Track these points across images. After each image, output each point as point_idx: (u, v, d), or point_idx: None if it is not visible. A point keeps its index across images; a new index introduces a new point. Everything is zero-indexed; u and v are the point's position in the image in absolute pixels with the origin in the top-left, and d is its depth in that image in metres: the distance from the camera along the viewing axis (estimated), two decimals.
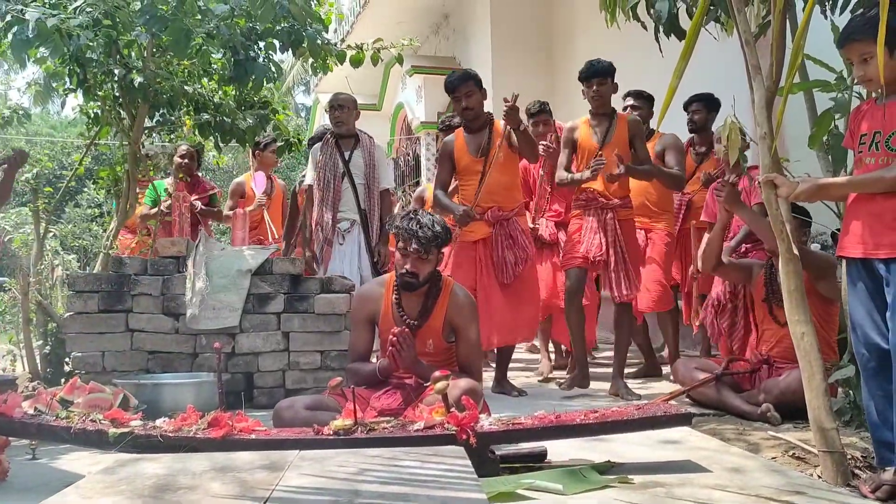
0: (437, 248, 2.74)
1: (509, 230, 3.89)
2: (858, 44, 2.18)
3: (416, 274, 2.72)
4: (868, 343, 2.18)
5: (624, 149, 3.89)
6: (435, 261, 2.77)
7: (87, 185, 12.30)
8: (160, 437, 2.15)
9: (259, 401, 3.66)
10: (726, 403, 3.25)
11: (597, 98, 3.91)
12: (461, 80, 3.92)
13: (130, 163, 4.58)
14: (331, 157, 4.26)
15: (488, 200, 3.90)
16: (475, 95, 3.92)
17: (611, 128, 3.92)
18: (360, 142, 4.32)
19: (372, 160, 4.29)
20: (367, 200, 4.24)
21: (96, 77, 4.30)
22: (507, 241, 3.87)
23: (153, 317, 3.73)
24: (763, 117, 2.43)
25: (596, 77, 3.89)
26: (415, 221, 2.72)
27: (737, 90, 3.36)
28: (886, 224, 2.12)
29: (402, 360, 2.64)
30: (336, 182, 4.22)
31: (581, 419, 2.27)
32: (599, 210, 3.89)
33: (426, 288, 2.79)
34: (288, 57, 4.97)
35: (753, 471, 2.24)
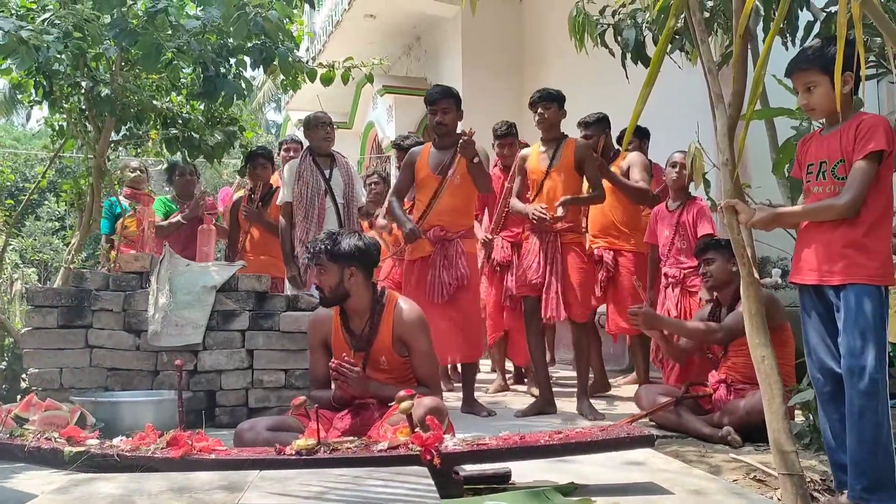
0: (331, 259, 2.73)
1: (448, 251, 3.90)
2: (803, 73, 2.27)
3: (320, 287, 2.77)
4: (822, 368, 2.24)
5: (569, 173, 3.95)
6: (336, 274, 2.74)
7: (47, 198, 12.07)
8: (117, 457, 2.11)
9: (221, 420, 3.59)
10: (687, 427, 3.29)
11: (542, 122, 3.99)
12: (441, 95, 4.00)
13: (95, 176, 4.51)
14: (312, 174, 4.27)
15: (434, 220, 3.94)
16: (451, 113, 3.99)
17: (557, 152, 3.98)
18: (336, 161, 4.36)
19: (350, 179, 4.36)
20: (348, 218, 4.29)
21: (63, 89, 4.24)
22: (443, 261, 3.89)
23: (114, 333, 3.66)
24: (725, 144, 2.48)
25: (541, 102, 3.99)
26: (313, 238, 2.81)
27: (700, 117, 3.45)
28: (836, 251, 2.19)
29: (351, 388, 2.64)
30: (319, 200, 4.24)
31: (545, 440, 2.28)
32: (543, 233, 3.94)
33: (370, 305, 2.79)
34: (259, 74, 4.97)
35: (715, 493, 2.27)
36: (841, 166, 2.21)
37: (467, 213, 4.07)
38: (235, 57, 4.31)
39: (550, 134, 4.02)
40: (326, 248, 2.74)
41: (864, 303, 2.12)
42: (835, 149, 2.24)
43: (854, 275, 2.16)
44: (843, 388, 2.16)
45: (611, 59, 3.89)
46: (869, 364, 2.08)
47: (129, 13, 3.86)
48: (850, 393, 2.12)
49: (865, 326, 2.10)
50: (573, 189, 3.97)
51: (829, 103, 2.20)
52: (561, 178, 3.93)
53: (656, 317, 3.48)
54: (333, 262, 2.73)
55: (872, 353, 2.08)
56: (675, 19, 2.58)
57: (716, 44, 3.61)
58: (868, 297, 2.13)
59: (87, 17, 3.80)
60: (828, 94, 2.19)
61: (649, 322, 3.39)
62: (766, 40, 2.34)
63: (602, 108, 4.68)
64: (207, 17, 4.02)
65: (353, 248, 2.77)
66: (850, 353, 2.11)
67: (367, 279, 2.82)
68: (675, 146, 4.31)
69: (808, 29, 3.17)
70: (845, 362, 2.12)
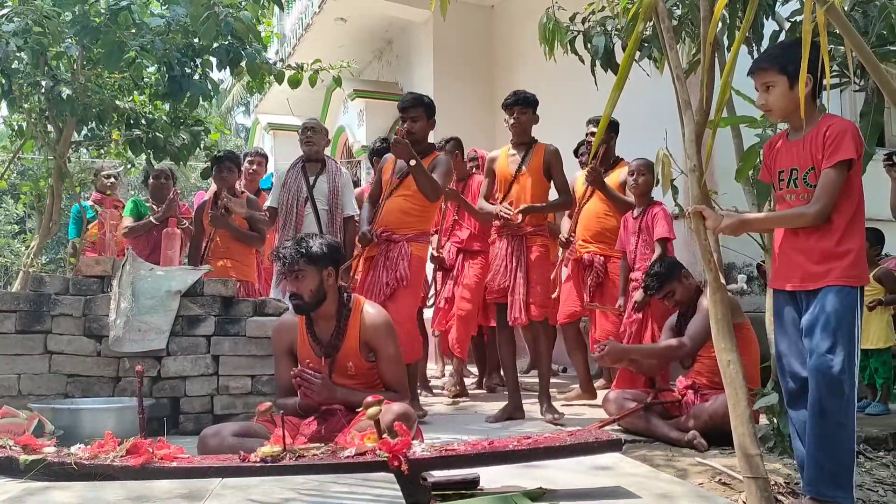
0: (309, 263, 2.69)
1: (391, 252, 3.86)
2: (763, 73, 2.31)
3: (298, 294, 2.70)
4: (792, 372, 2.27)
5: (538, 177, 3.97)
6: (315, 278, 2.71)
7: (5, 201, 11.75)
8: (74, 465, 2.04)
9: (185, 427, 3.52)
10: (655, 431, 3.31)
11: (516, 126, 4.00)
12: (412, 103, 3.99)
13: (55, 178, 4.41)
14: (295, 180, 4.22)
15: (382, 221, 3.92)
16: (420, 122, 3.96)
17: (527, 156, 4.00)
18: (327, 167, 4.30)
19: (336, 186, 4.25)
20: (330, 226, 4.20)
21: (22, 88, 4.13)
22: (385, 262, 3.85)
23: (74, 338, 3.56)
24: (693, 150, 2.51)
25: (517, 105, 4.00)
26: (286, 243, 2.75)
27: (668, 124, 3.49)
28: (813, 258, 2.22)
29: (316, 395, 2.60)
30: (299, 207, 4.18)
31: (514, 445, 2.27)
32: (510, 237, 3.95)
33: (336, 310, 2.75)
34: (227, 76, 4.91)
35: (681, 497, 2.28)
36: (812, 174, 2.24)
37: (419, 217, 3.95)
38: (201, 57, 4.25)
39: (522, 138, 4.03)
40: (303, 252, 2.68)
41: (835, 302, 2.16)
42: (805, 156, 2.27)
43: (827, 277, 2.19)
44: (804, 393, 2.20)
45: (580, 65, 3.92)
46: (836, 364, 2.11)
47: (90, 11, 3.78)
48: (815, 392, 2.15)
49: (836, 326, 2.13)
50: (541, 193, 3.98)
51: (785, 104, 2.24)
52: (529, 181, 3.95)
53: (623, 349, 3.53)
54: (312, 265, 2.69)
55: (841, 354, 2.11)
56: (643, 25, 2.60)
57: (683, 52, 3.65)
58: (838, 296, 2.16)
59: (48, 13, 3.71)
60: (784, 94, 2.22)
61: (617, 356, 3.43)
62: (733, 48, 2.38)
63: (571, 114, 4.72)
64: (173, 16, 3.96)
65: (326, 248, 2.74)
66: (818, 352, 2.14)
67: (337, 280, 2.80)
68: (643, 153, 4.36)
69: (773, 38, 3.22)
70: (812, 361, 2.15)
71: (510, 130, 4.06)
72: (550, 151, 4.02)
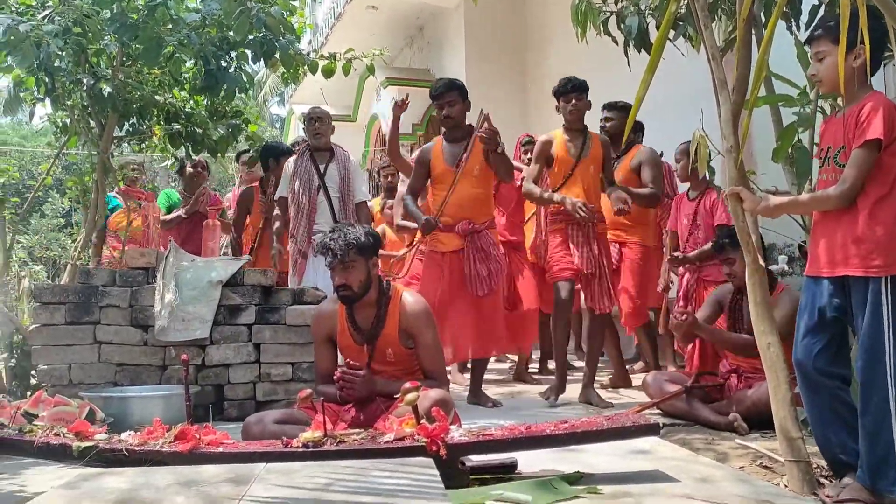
0: (359, 254, 2.71)
1: (481, 243, 3.88)
2: (816, 42, 2.24)
3: (347, 285, 2.72)
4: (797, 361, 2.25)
5: (598, 166, 3.99)
6: (364, 267, 2.74)
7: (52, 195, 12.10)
8: (125, 451, 2.12)
9: (229, 413, 3.61)
10: (696, 415, 3.28)
11: (574, 112, 3.98)
12: (446, 88, 3.96)
13: (99, 172, 4.52)
14: (306, 169, 4.26)
15: (458, 213, 3.88)
16: (457, 105, 3.94)
17: (585, 144, 3.99)
18: (335, 155, 4.34)
19: (347, 173, 4.30)
20: (343, 213, 4.25)
21: (65, 86, 4.25)
22: (479, 254, 3.85)
23: (121, 329, 3.67)
24: (729, 131, 2.47)
25: (575, 92, 3.97)
26: (328, 235, 2.75)
27: (704, 104, 3.43)
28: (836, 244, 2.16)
29: (357, 393, 2.64)
30: (311, 194, 4.22)
31: (551, 430, 2.28)
32: (581, 225, 3.91)
33: (375, 298, 2.78)
34: (262, 68, 4.97)
35: (721, 480, 2.27)
36: (843, 153, 2.18)
37: (489, 202, 4.03)
38: (236, 50, 4.30)
39: (578, 125, 4.01)
40: (353, 243, 2.70)
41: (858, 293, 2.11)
42: (840, 134, 2.21)
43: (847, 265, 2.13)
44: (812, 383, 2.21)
45: (613, 47, 3.87)
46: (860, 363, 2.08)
47: (128, 8, 3.85)
48: (861, 384, 2.11)
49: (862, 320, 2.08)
50: (597, 182, 4.00)
51: (835, 76, 2.14)
52: (590, 169, 3.95)
53: (699, 328, 3.37)
54: (361, 256, 2.72)
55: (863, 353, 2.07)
56: (677, 4, 2.56)
57: (719, 29, 3.58)
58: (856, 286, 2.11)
59: (87, 12, 3.80)
60: (835, 66, 2.11)
61: (690, 333, 3.34)
62: (769, 24, 2.32)
63: (605, 96, 4.66)
64: (207, 10, 4.01)
65: (372, 238, 2.79)
66: (869, 347, 2.08)
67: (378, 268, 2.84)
68: (679, 134, 4.29)
69: (812, 13, 3.14)
70: (866, 354, 2.09)
71: (566, 117, 4.02)
72: (605, 142, 4.07)
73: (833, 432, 2.20)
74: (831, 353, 2.20)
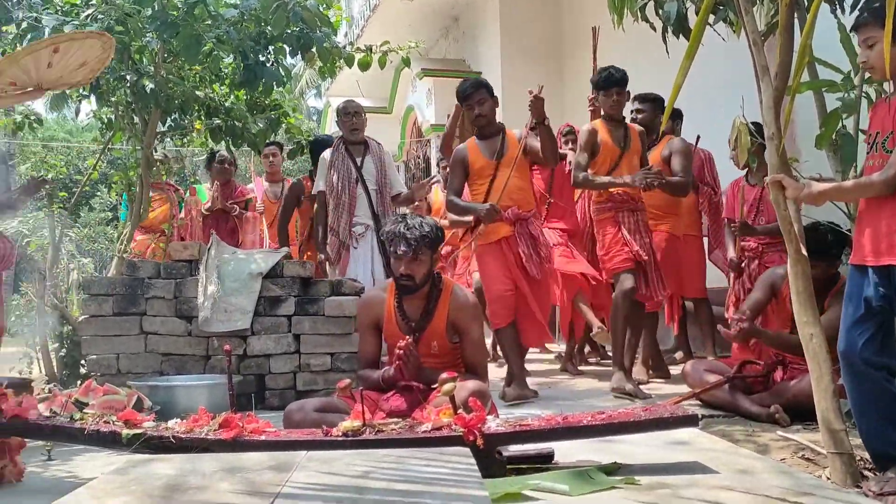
0: (428, 247, 2.75)
1: (529, 229, 3.89)
2: (864, 27, 2.18)
3: (412, 276, 2.74)
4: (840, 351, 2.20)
5: (639, 157, 4.03)
6: (429, 261, 2.78)
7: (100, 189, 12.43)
8: (172, 439, 2.18)
9: (271, 402, 3.69)
10: (737, 405, 3.24)
11: (615, 106, 4.00)
12: (474, 88, 3.95)
13: (143, 167, 4.64)
14: (343, 163, 4.32)
15: (507, 201, 3.88)
16: (487, 103, 3.93)
17: (627, 135, 4.03)
18: (370, 148, 4.39)
19: (383, 166, 4.38)
20: (381, 205, 4.32)
21: (109, 83, 4.36)
22: (529, 239, 3.87)
23: (166, 319, 3.78)
24: (771, 118, 2.43)
25: (616, 86, 3.99)
26: (402, 224, 2.76)
27: (745, 91, 3.36)
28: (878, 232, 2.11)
29: (408, 371, 2.67)
30: (350, 188, 4.28)
31: (588, 420, 2.28)
32: (632, 212, 3.94)
33: (427, 290, 2.81)
34: (299, 61, 5.03)
35: (762, 472, 2.24)
36: (891, 139, 2.13)
37: (530, 193, 4.03)
38: (274, 45, 4.36)
39: (619, 116, 4.05)
40: (425, 236, 2.73)
41: None
42: (888, 120, 2.15)
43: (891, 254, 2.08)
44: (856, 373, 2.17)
45: (651, 35, 3.80)
46: None
47: (168, 5, 3.93)
48: None
49: None
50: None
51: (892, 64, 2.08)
52: (634, 159, 4.01)
53: (756, 332, 3.24)
54: (430, 249, 2.76)
55: None
56: None
57: (761, 13, 3.49)
58: None
59: (129, 11, 3.89)
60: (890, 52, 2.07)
61: (748, 336, 3.22)
62: (812, 8, 2.27)
63: (642, 84, 4.60)
64: (245, 6, 4.07)
65: (441, 232, 2.85)
66: None
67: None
68: (718, 121, 4.21)
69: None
70: None
71: (607, 110, 4.04)
72: (641, 133, 4.07)
73: (877, 424, 2.16)
74: (877, 343, 2.15)
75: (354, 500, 1.40)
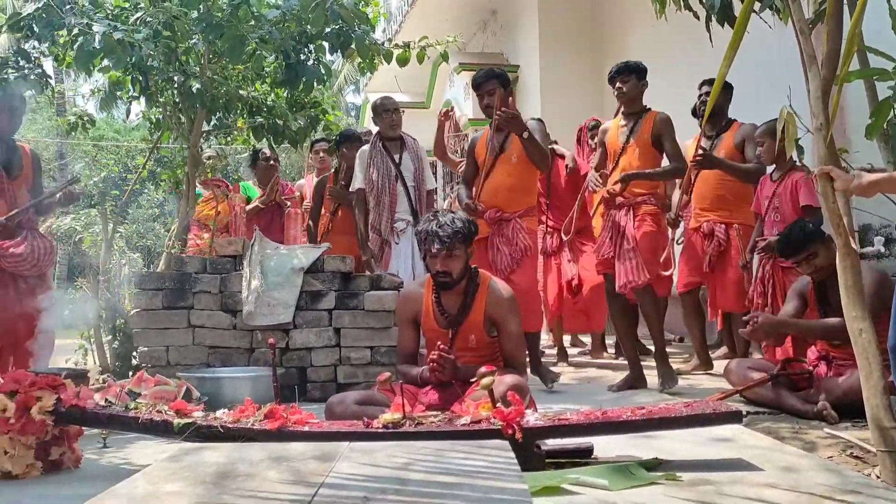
0: (462, 242, 2.78)
1: (504, 230, 3.89)
2: None
3: (448, 272, 2.77)
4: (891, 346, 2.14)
5: (645, 147, 3.87)
6: (464, 256, 2.81)
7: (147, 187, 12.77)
8: (220, 428, 2.25)
9: (312, 394, 3.76)
10: (782, 403, 3.18)
11: (621, 96, 3.92)
12: (485, 78, 3.96)
13: (190, 165, 4.76)
14: (382, 160, 4.36)
15: (490, 200, 3.92)
16: (496, 94, 3.90)
17: (636, 126, 3.89)
18: (406, 144, 4.42)
19: (420, 163, 4.43)
20: (418, 202, 4.36)
21: (157, 84, 4.48)
22: (501, 239, 3.89)
23: (213, 313, 3.88)
24: (819, 108, 2.37)
25: (618, 75, 3.90)
26: (434, 222, 2.79)
27: (792, 79, 3.28)
28: None
29: (444, 376, 2.70)
30: (391, 185, 4.33)
31: (628, 416, 2.27)
32: (614, 209, 3.87)
33: (464, 284, 2.83)
34: (337, 58, 5.09)
35: (807, 470, 2.20)
36: None
37: (526, 192, 4.00)
38: (314, 43, 4.42)
39: (631, 107, 3.93)
40: (459, 232, 2.76)
41: None
42: None
43: None
44: None
45: (694, 23, 3.74)
46: None
47: (213, 7, 4.02)
48: None
49: None
50: (648, 163, 3.87)
51: None
52: (636, 152, 3.86)
53: (777, 322, 3.23)
54: (464, 244, 2.80)
55: None
56: None
57: (808, 0, 3.41)
58: None
59: (176, 14, 3.99)
60: None
61: (770, 329, 3.18)
62: None
63: (687, 75, 4.53)
64: (286, 6, 4.14)
65: (473, 227, 2.88)
66: None
67: None
68: (765, 111, 4.11)
69: None
70: None
71: (618, 101, 4.00)
72: (660, 119, 3.88)
73: None
74: None
75: (397, 491, 1.43)
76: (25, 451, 2.25)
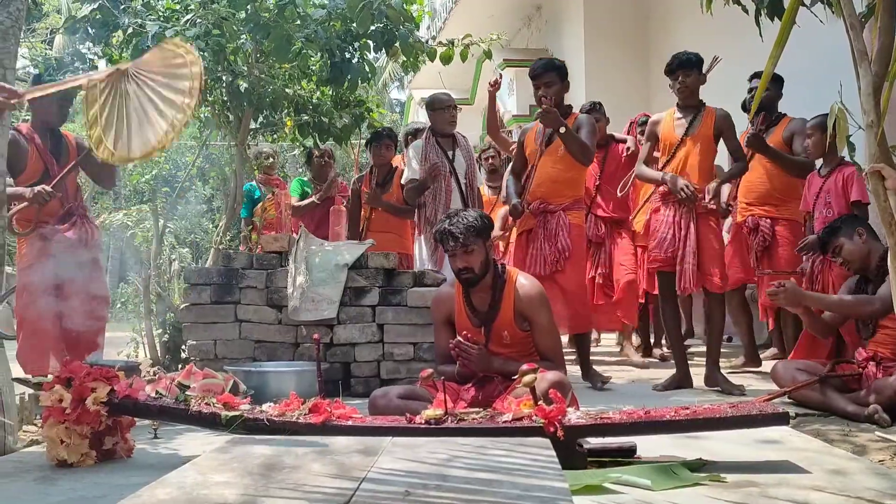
0: (477, 236, 2.78)
1: (549, 223, 3.86)
2: None
3: (469, 268, 2.79)
4: None
5: (707, 143, 3.82)
6: (483, 250, 2.80)
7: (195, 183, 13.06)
8: (266, 421, 2.31)
9: (356, 389, 3.81)
10: (832, 405, 3.11)
11: (683, 90, 3.86)
12: (544, 69, 3.93)
13: (237, 162, 4.87)
14: (437, 156, 4.40)
15: (535, 192, 3.91)
16: (554, 86, 3.89)
17: (695, 121, 3.83)
18: (458, 142, 4.46)
19: (471, 160, 4.47)
20: (470, 198, 4.40)
21: (206, 83, 4.59)
22: (544, 233, 3.85)
23: (259, 308, 3.96)
24: (870, 105, 2.31)
25: (681, 69, 3.84)
26: (447, 221, 2.82)
27: (843, 75, 3.20)
28: None
29: (473, 365, 2.71)
30: (445, 181, 4.36)
31: (672, 415, 2.25)
32: (677, 204, 3.78)
33: (490, 281, 2.84)
34: (382, 55, 5.13)
35: (856, 473, 2.16)
36: None
37: (571, 184, 3.95)
38: (359, 42, 4.48)
39: (689, 101, 3.88)
40: (471, 227, 2.78)
41: None
42: None
43: None
44: None
45: (743, 17, 3.67)
46: None
47: (260, 8, 4.11)
48: None
49: None
50: (708, 159, 3.84)
51: None
52: (697, 147, 3.80)
53: (802, 293, 3.26)
54: (479, 239, 2.81)
55: None
56: None
57: None
58: None
59: (224, 15, 4.09)
60: None
61: (794, 299, 3.19)
62: None
63: (736, 71, 4.44)
64: (332, 6, 4.21)
65: (487, 220, 2.88)
66: None
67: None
68: (816, 107, 4.01)
69: None
70: None
71: (676, 95, 3.92)
72: (722, 116, 3.84)
73: None
74: None
75: (438, 486, 1.46)
76: (80, 441, 2.34)
